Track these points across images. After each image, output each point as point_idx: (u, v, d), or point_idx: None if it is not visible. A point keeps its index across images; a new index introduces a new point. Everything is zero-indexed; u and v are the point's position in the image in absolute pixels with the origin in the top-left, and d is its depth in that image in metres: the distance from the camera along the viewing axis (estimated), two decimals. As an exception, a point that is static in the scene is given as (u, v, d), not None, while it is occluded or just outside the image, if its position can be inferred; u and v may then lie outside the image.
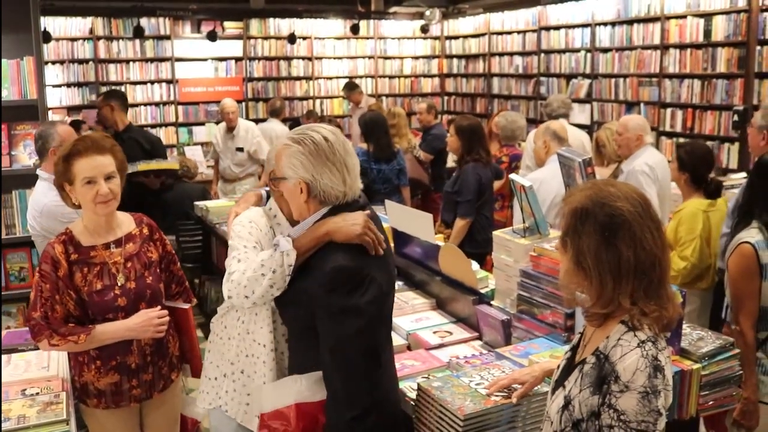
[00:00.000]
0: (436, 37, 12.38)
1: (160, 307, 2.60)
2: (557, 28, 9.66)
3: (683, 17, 7.70)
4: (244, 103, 10.80)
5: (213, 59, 10.71)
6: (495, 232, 2.93)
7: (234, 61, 10.86)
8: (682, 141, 7.29)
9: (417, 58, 12.29)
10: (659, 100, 8.07)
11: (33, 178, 3.58)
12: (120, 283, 2.53)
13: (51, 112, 8.63)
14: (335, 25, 11.52)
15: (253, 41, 10.97)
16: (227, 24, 10.72)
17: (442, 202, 4.99)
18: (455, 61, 12.17)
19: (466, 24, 11.82)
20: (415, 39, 12.22)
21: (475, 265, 3.06)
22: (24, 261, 4.03)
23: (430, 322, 2.97)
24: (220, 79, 10.78)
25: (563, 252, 1.67)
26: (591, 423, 1.60)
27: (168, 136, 10.28)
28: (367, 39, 11.79)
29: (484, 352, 2.59)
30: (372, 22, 11.72)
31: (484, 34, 11.30)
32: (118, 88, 8.78)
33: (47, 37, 9.00)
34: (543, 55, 9.97)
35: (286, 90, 11.24)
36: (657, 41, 8.04)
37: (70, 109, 9.76)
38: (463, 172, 4.66)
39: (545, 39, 9.92)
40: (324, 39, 11.47)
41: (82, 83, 9.96)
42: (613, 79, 8.72)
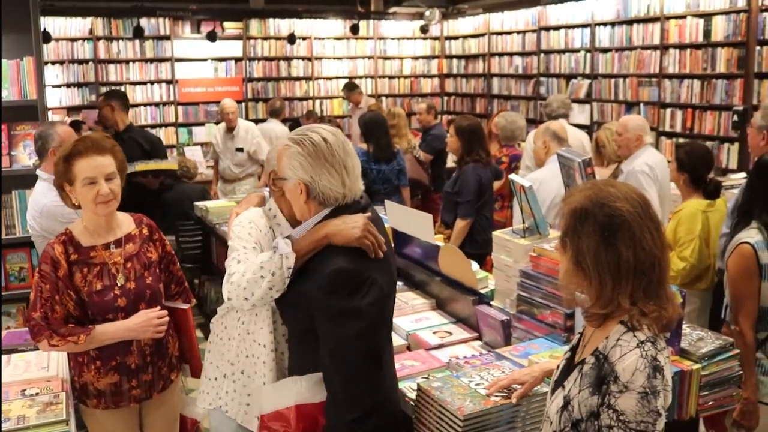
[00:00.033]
0: (435, 38, 12.38)
1: (159, 308, 2.60)
2: (557, 29, 9.66)
3: (683, 17, 7.70)
4: (244, 104, 10.80)
5: (213, 59, 10.70)
6: (495, 233, 2.93)
7: (234, 62, 10.86)
8: (682, 141, 7.29)
9: (417, 58, 12.28)
10: (659, 100, 8.07)
11: (33, 178, 3.58)
12: (120, 283, 2.53)
13: (51, 113, 8.63)
14: (335, 25, 11.51)
15: (252, 41, 10.97)
16: (227, 24, 10.72)
17: (442, 202, 4.98)
18: (455, 61, 12.17)
19: (465, 24, 11.82)
20: (415, 39, 12.21)
21: (474, 266, 3.06)
22: (24, 261, 4.03)
23: (430, 323, 2.97)
24: (219, 80, 10.78)
25: (563, 252, 1.67)
26: (590, 423, 1.60)
27: (168, 136, 10.27)
28: (367, 39, 11.79)
29: (484, 352, 2.59)
30: (372, 22, 11.71)
31: (483, 35, 11.30)
32: (118, 89, 8.79)
33: (47, 38, 9.00)
34: (543, 55, 9.97)
35: (285, 90, 11.23)
36: (657, 41, 8.04)
37: (70, 110, 9.75)
38: (463, 173, 4.65)
39: (545, 39, 9.92)
40: (324, 39, 11.47)
41: (82, 83, 9.95)
42: (612, 80, 8.72)
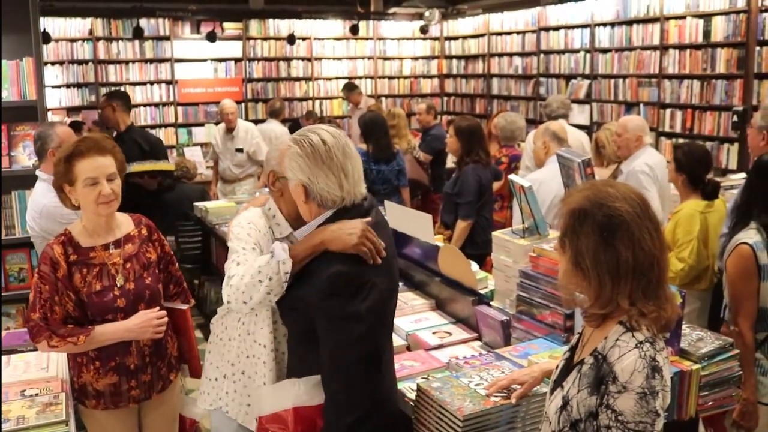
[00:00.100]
0: (435, 38, 12.38)
1: (158, 308, 2.60)
2: (557, 29, 9.66)
3: (683, 18, 7.70)
4: (244, 104, 10.79)
5: (212, 60, 10.70)
6: (494, 233, 2.93)
7: (233, 62, 10.85)
8: (681, 142, 7.28)
9: (416, 58, 12.28)
10: (659, 100, 8.07)
11: (32, 178, 3.58)
12: (119, 284, 2.53)
13: (50, 113, 8.62)
14: (335, 25, 11.51)
15: (252, 42, 10.96)
16: (227, 25, 10.71)
17: (442, 203, 4.98)
18: (455, 61, 12.17)
19: (465, 25, 11.82)
20: (415, 40, 12.21)
21: (474, 266, 3.06)
22: (23, 262, 4.03)
23: (430, 323, 2.97)
24: (219, 80, 10.78)
25: (562, 252, 1.67)
26: (589, 423, 1.60)
27: (167, 136, 10.26)
28: (367, 40, 11.79)
29: (484, 352, 2.59)
30: (371, 22, 11.71)
31: (483, 35, 11.29)
32: (119, 89, 8.77)
33: (47, 38, 8.99)
34: (542, 55, 9.97)
35: (285, 91, 11.23)
36: (656, 42, 8.04)
37: (70, 110, 9.75)
38: (463, 174, 4.65)
39: (545, 39, 9.92)
40: (323, 40, 11.46)
41: (82, 84, 9.95)
42: (612, 80, 8.72)
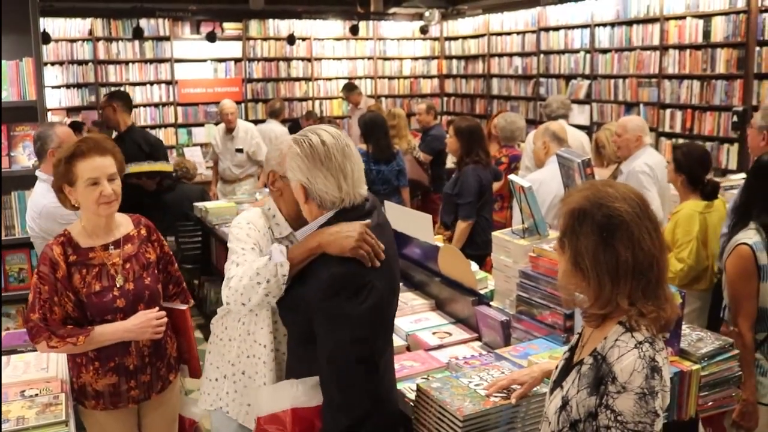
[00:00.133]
0: (435, 38, 12.38)
1: (158, 308, 2.59)
2: (556, 29, 9.66)
3: (682, 18, 7.70)
4: (244, 104, 10.79)
5: (212, 60, 10.70)
6: (494, 233, 2.93)
7: (233, 62, 10.85)
8: (681, 142, 7.28)
9: (416, 59, 12.28)
10: (658, 100, 8.07)
11: (32, 179, 3.58)
12: (119, 284, 2.53)
13: (50, 114, 8.62)
14: (334, 26, 11.51)
15: (252, 42, 10.96)
16: (226, 25, 10.71)
17: (442, 203, 4.97)
18: (454, 62, 12.17)
19: (465, 25, 11.82)
20: (415, 40, 12.21)
21: (474, 266, 3.06)
22: (23, 262, 4.03)
23: (430, 323, 2.97)
24: (219, 80, 10.78)
25: (561, 253, 1.67)
26: (588, 423, 1.59)
27: (167, 137, 10.26)
28: (367, 40, 11.79)
29: (484, 352, 2.59)
30: (371, 23, 11.71)
31: (483, 35, 11.30)
32: (119, 89, 8.77)
33: (47, 39, 8.99)
34: (542, 55, 9.97)
35: (285, 91, 11.23)
36: (656, 42, 8.04)
37: (70, 111, 9.75)
38: (463, 174, 4.64)
39: (544, 40, 9.92)
40: (323, 40, 11.46)
41: (82, 84, 9.95)
42: (612, 80, 8.72)
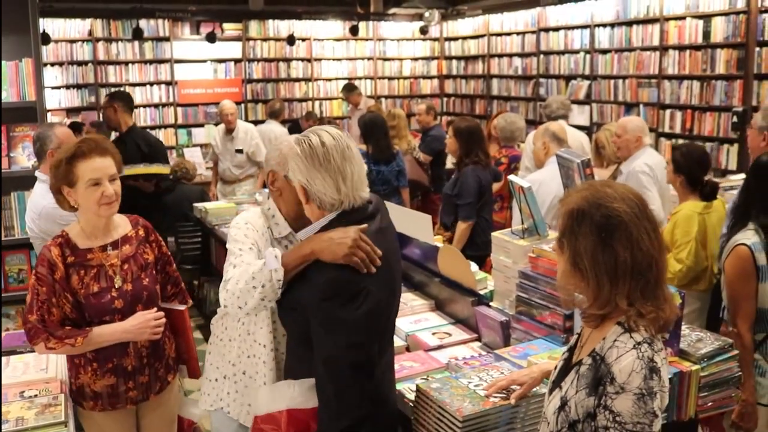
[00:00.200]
0: (435, 39, 12.38)
1: (156, 309, 2.59)
2: (556, 30, 9.66)
3: (682, 18, 7.70)
4: (244, 105, 10.79)
5: (212, 61, 10.70)
6: (494, 234, 2.93)
7: (233, 63, 10.85)
8: (681, 142, 7.29)
9: (416, 59, 12.28)
10: (658, 101, 8.07)
11: (32, 179, 3.58)
12: (117, 285, 2.52)
13: (50, 114, 8.62)
14: (334, 26, 11.52)
15: (252, 43, 10.96)
16: (226, 25, 10.71)
17: (441, 204, 4.97)
18: (454, 62, 12.17)
19: (465, 25, 11.82)
20: (415, 40, 12.22)
21: (474, 267, 3.06)
22: (23, 263, 4.03)
23: (429, 324, 2.97)
24: (219, 81, 10.78)
25: (560, 253, 1.67)
26: (587, 424, 1.59)
27: (167, 137, 10.26)
28: (367, 40, 11.79)
29: (483, 353, 2.59)
30: (371, 23, 11.71)
31: (483, 36, 11.30)
32: (120, 90, 8.76)
33: (46, 39, 8.99)
34: (542, 56, 9.97)
35: (285, 91, 11.23)
36: (656, 42, 8.04)
37: (69, 111, 9.75)
38: (463, 175, 4.63)
39: (544, 40, 9.92)
40: (323, 40, 11.46)
41: (82, 85, 9.95)
42: (612, 81, 8.72)
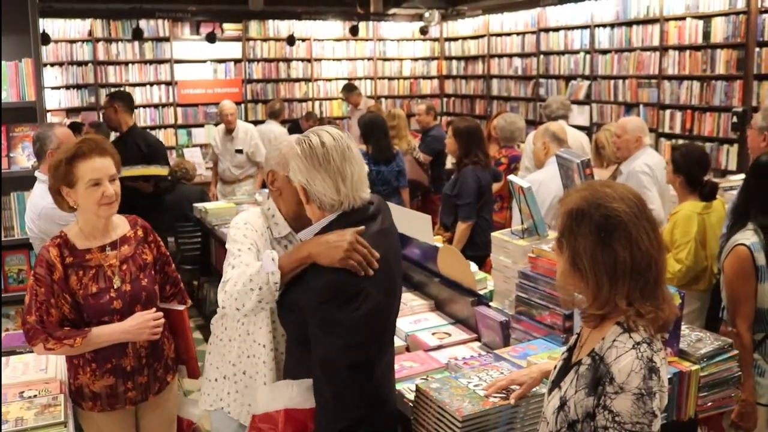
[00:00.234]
0: (435, 39, 12.38)
1: (155, 309, 2.58)
2: (556, 30, 9.65)
3: (682, 19, 7.70)
4: (243, 105, 10.79)
5: (212, 61, 10.70)
6: (493, 234, 2.93)
7: (233, 63, 10.85)
8: (681, 143, 7.29)
9: (416, 59, 12.28)
10: (658, 101, 8.07)
11: (31, 180, 3.58)
12: (116, 285, 2.52)
13: (50, 115, 8.62)
14: (334, 26, 11.51)
15: (252, 43, 10.96)
16: (226, 26, 10.71)
17: (441, 205, 4.97)
18: (454, 62, 12.17)
19: (465, 25, 11.82)
20: (414, 41, 12.21)
21: (473, 267, 3.06)
22: (23, 263, 4.03)
23: (429, 324, 2.97)
24: (219, 81, 10.78)
25: (559, 253, 1.67)
26: (586, 424, 1.59)
27: (167, 138, 10.25)
28: (367, 41, 11.79)
29: (483, 353, 2.59)
30: (371, 23, 11.71)
31: (483, 36, 11.30)
32: (121, 89, 8.76)
33: (46, 39, 8.99)
34: (542, 56, 9.97)
35: (285, 92, 11.23)
36: (656, 43, 8.04)
37: (69, 111, 9.75)
38: (462, 175, 4.63)
39: (544, 40, 9.92)
40: (323, 41, 11.46)
41: (81, 85, 9.94)
42: (612, 81, 8.72)
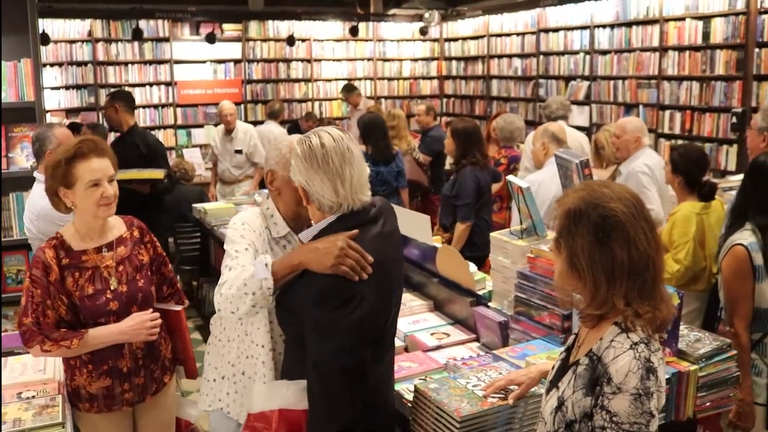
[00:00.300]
0: (435, 39, 12.38)
1: (151, 310, 2.58)
2: (556, 30, 9.65)
3: (682, 19, 7.70)
4: (243, 106, 10.79)
5: (212, 61, 10.69)
6: (492, 234, 2.93)
7: (233, 63, 10.84)
8: (680, 143, 7.28)
9: (416, 60, 12.28)
10: (658, 102, 8.07)
11: (30, 180, 3.58)
12: (112, 287, 2.51)
13: (49, 115, 8.61)
14: (334, 27, 11.51)
15: (251, 43, 10.96)
16: (226, 26, 10.70)
17: (440, 205, 4.97)
18: (454, 63, 12.17)
19: (465, 26, 11.82)
20: (414, 41, 12.21)
21: (472, 267, 3.06)
22: (21, 264, 4.03)
23: (428, 324, 2.97)
24: (218, 81, 10.77)
25: (557, 253, 1.67)
26: (584, 424, 1.59)
27: (167, 138, 10.24)
28: (366, 41, 11.78)
29: (482, 353, 2.59)
30: (371, 24, 11.71)
31: (483, 36, 11.29)
32: (121, 90, 8.74)
33: (46, 40, 8.99)
34: (542, 57, 9.96)
35: (285, 92, 11.22)
36: (656, 43, 8.04)
37: (69, 112, 9.74)
38: (461, 176, 4.62)
39: (544, 41, 9.92)
40: (323, 41, 11.46)
41: (81, 86, 9.93)
42: (611, 81, 8.72)
